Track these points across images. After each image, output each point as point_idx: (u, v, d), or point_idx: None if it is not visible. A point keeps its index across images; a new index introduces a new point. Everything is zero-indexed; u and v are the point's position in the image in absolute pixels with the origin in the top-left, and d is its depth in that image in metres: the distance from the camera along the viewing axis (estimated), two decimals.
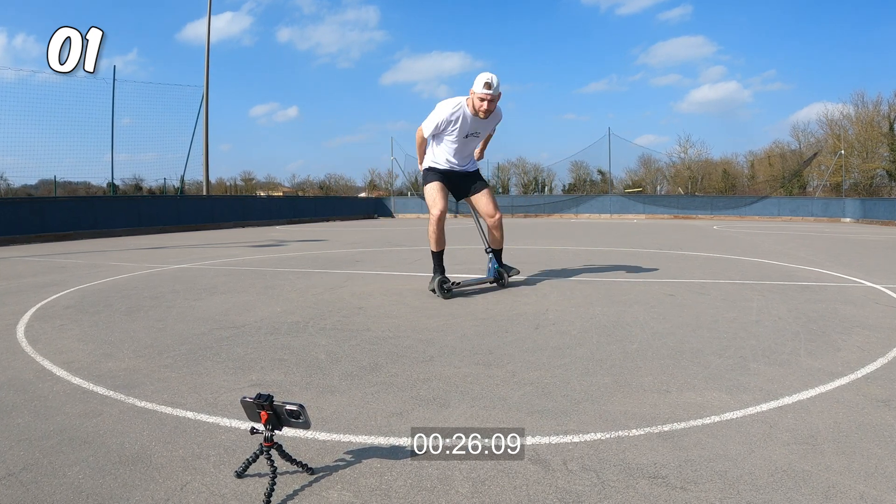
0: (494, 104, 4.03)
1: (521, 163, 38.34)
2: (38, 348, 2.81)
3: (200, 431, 1.79)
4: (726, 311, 3.58)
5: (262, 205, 19.94)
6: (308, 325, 3.27)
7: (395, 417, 1.90)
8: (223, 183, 39.07)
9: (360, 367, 2.47)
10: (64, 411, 1.97)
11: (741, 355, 2.59)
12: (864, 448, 1.63)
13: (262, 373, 2.40)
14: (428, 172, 4.41)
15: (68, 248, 9.20)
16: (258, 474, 1.49)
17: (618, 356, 2.59)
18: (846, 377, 2.27)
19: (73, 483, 1.46)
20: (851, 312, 3.54)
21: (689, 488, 1.42)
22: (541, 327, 3.18)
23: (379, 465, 1.55)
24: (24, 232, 11.29)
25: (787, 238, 10.88)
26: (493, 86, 3.96)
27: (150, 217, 14.25)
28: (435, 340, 2.91)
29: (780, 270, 5.69)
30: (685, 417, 1.87)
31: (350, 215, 23.89)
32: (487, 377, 2.31)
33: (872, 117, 28.63)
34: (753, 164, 34.04)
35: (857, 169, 28.13)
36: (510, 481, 1.46)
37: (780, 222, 20.30)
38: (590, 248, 8.49)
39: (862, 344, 2.79)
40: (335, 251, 8.16)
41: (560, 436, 1.73)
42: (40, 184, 16.43)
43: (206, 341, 2.92)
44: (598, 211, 25.26)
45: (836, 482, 1.44)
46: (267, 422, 1.44)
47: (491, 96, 3.96)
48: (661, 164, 35.76)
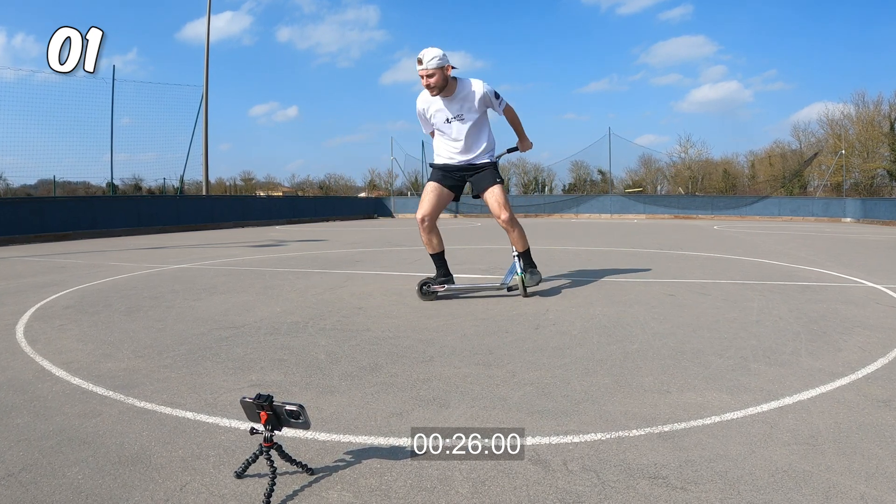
0: (435, 79, 3.74)
1: (521, 163, 38.36)
2: (38, 348, 2.81)
3: (200, 432, 1.79)
4: (727, 312, 3.57)
5: (262, 205, 19.94)
6: (308, 326, 3.26)
7: (395, 418, 1.89)
8: (223, 183, 39.10)
9: (360, 367, 2.47)
10: (63, 411, 1.97)
11: (742, 355, 2.59)
12: (864, 448, 1.63)
13: (261, 373, 2.39)
14: (431, 170, 4.25)
15: (68, 248, 9.20)
16: (258, 475, 1.49)
17: (618, 356, 2.59)
18: (847, 377, 2.26)
19: (72, 483, 1.46)
20: (852, 313, 3.53)
21: (689, 489, 1.41)
22: (541, 327, 3.18)
23: (379, 466, 1.55)
24: (24, 232, 11.29)
25: (788, 238, 10.88)
26: (422, 61, 3.72)
27: (149, 217, 14.25)
28: (435, 340, 2.90)
29: (780, 270, 5.69)
30: (686, 418, 1.86)
31: (350, 215, 23.88)
32: (487, 377, 2.30)
33: (873, 117, 28.64)
34: (754, 164, 34.05)
35: (857, 169, 28.13)
36: (510, 482, 1.46)
37: (781, 222, 20.29)
38: (590, 249, 8.49)
39: (863, 344, 2.78)
40: (335, 251, 8.16)
41: (560, 436, 1.73)
42: (39, 184, 16.44)
43: (205, 341, 2.92)
44: (599, 211, 25.26)
45: (837, 482, 1.43)
46: (266, 422, 1.43)
47: (423, 72, 3.74)
48: (662, 163, 35.78)
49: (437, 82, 3.78)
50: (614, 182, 30.81)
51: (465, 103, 3.88)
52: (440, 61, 3.74)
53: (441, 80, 3.78)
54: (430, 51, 3.76)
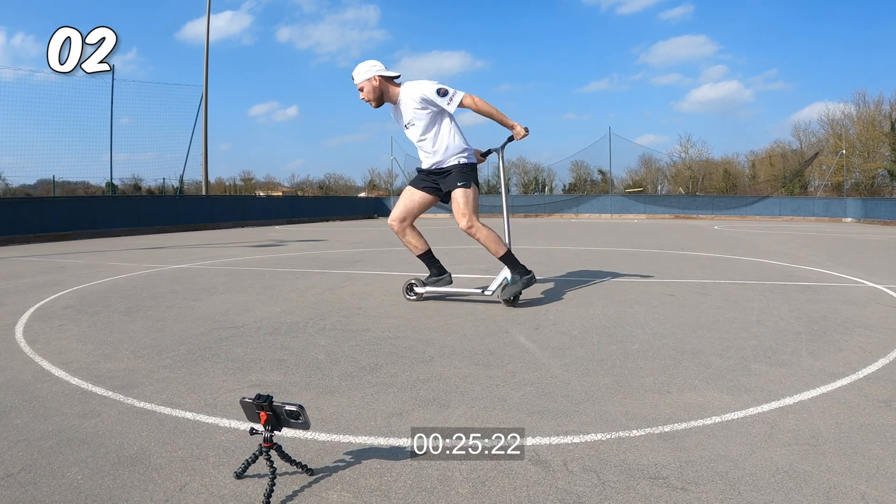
0: (364, 92, 3.71)
1: (521, 162, 38.33)
2: (37, 349, 2.81)
3: (200, 432, 1.79)
4: (727, 312, 3.57)
5: (262, 205, 19.95)
6: (308, 326, 3.26)
7: (395, 418, 1.89)
8: (222, 183, 39.07)
9: (360, 367, 2.46)
10: (62, 412, 1.96)
11: (742, 356, 2.58)
12: (865, 449, 1.62)
13: (261, 373, 2.39)
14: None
15: (67, 248, 9.20)
16: (257, 475, 1.48)
17: (618, 356, 2.59)
18: (848, 378, 2.26)
19: (71, 484, 1.46)
20: (853, 313, 3.53)
21: (689, 489, 1.41)
22: (541, 327, 3.18)
23: (379, 466, 1.55)
24: (23, 232, 11.29)
25: (789, 238, 10.88)
26: (353, 77, 3.72)
27: (149, 217, 14.26)
28: (435, 341, 2.90)
29: (781, 270, 5.69)
30: (686, 418, 1.86)
31: (350, 215, 23.88)
32: (487, 377, 2.30)
33: (874, 117, 28.63)
34: (754, 164, 34.03)
35: (858, 169, 28.12)
36: (510, 482, 1.46)
37: (782, 222, 20.29)
38: (590, 249, 8.49)
39: (863, 344, 2.78)
40: (335, 251, 8.16)
41: (560, 436, 1.73)
42: (39, 183, 16.43)
43: (205, 341, 2.92)
44: (599, 211, 25.26)
45: (838, 483, 1.43)
46: (266, 422, 1.43)
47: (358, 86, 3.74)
48: (662, 163, 35.77)
49: (367, 95, 3.72)
50: (614, 182, 30.82)
51: (409, 109, 3.74)
52: (367, 73, 3.70)
53: (372, 92, 3.71)
54: (360, 65, 3.75)
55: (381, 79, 3.72)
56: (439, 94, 3.65)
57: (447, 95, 3.66)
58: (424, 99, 3.67)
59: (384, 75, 3.72)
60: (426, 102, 3.68)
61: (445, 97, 3.66)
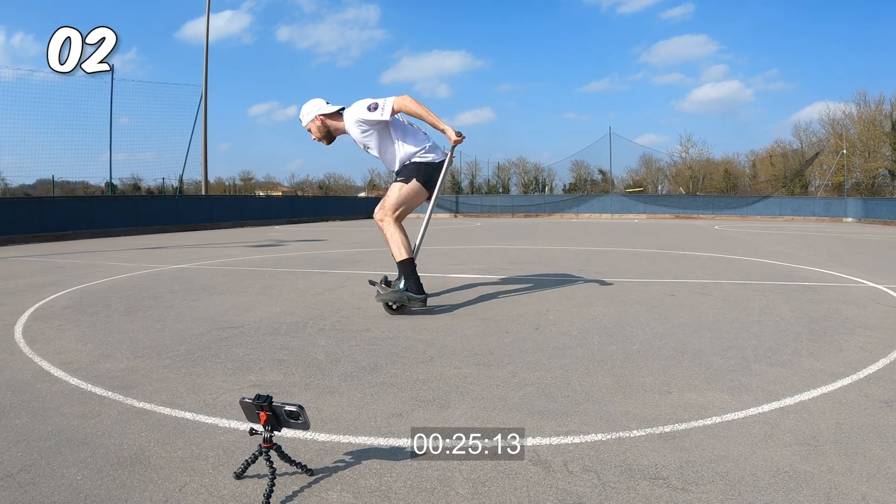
0: (313, 133, 3.84)
1: (521, 162, 38.39)
2: (36, 349, 2.80)
3: (199, 432, 1.78)
4: (728, 312, 3.57)
5: (261, 204, 19.95)
6: (307, 326, 3.26)
7: (395, 418, 1.89)
8: (222, 183, 39.11)
9: (360, 367, 2.46)
10: (62, 412, 1.96)
11: (743, 356, 2.58)
12: (866, 449, 1.62)
13: (261, 373, 2.39)
14: None
15: (66, 248, 9.19)
16: (257, 475, 1.48)
17: (619, 357, 2.59)
18: (848, 378, 2.26)
19: (71, 484, 1.45)
20: (853, 313, 3.53)
21: (690, 489, 1.41)
22: (541, 328, 3.17)
23: (379, 466, 1.55)
24: (22, 232, 11.28)
25: (789, 238, 10.87)
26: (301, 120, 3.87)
27: (148, 217, 14.25)
28: (435, 341, 2.90)
29: (781, 270, 5.69)
30: (686, 418, 1.86)
31: (349, 215, 23.88)
32: (487, 378, 2.30)
33: (874, 116, 28.66)
34: (755, 164, 34.07)
35: (859, 168, 28.14)
36: (510, 482, 1.45)
37: (782, 222, 20.29)
38: (590, 248, 8.48)
39: (864, 344, 2.78)
40: (335, 251, 8.16)
41: (561, 437, 1.72)
42: (38, 183, 16.41)
43: (204, 342, 2.91)
44: (599, 211, 25.26)
45: (838, 483, 1.43)
46: (266, 423, 1.43)
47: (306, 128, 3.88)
48: (662, 163, 35.84)
49: (316, 134, 3.83)
50: (615, 182, 30.85)
51: (356, 135, 3.78)
52: (309, 115, 3.80)
53: (319, 131, 3.82)
54: (303, 107, 3.83)
55: (322, 118, 3.80)
56: (370, 110, 3.64)
57: (378, 108, 3.64)
58: (360, 121, 3.69)
59: (325, 113, 3.80)
60: (364, 123, 3.69)
61: (377, 110, 3.64)
